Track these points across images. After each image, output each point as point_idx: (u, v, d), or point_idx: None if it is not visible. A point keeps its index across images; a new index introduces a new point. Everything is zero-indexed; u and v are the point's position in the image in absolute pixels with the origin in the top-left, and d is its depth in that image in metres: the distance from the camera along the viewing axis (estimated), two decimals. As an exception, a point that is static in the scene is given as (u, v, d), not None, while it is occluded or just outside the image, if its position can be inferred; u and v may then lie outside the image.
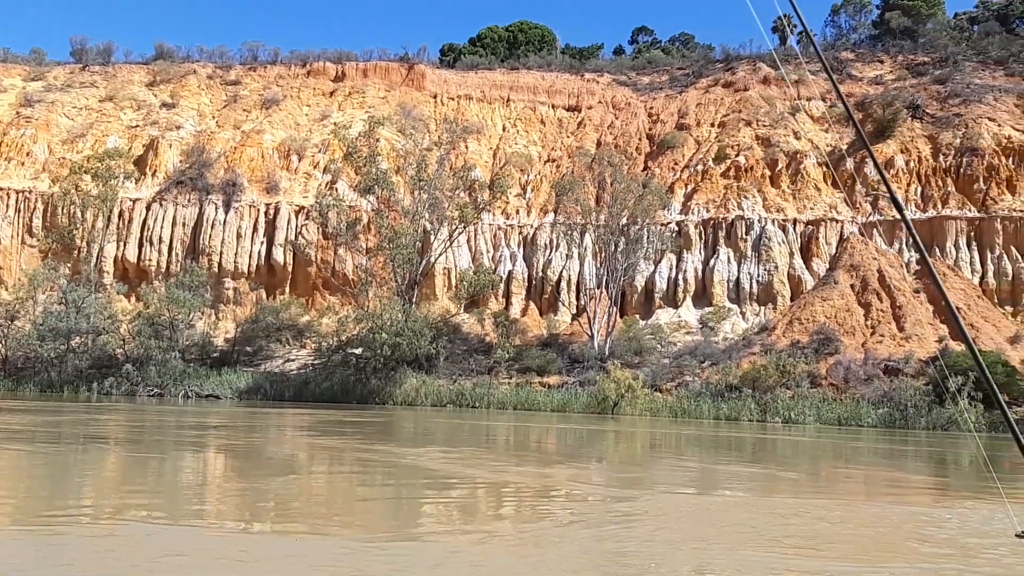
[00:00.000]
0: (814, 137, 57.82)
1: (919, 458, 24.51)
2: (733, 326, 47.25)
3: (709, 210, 52.89)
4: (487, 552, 8.81)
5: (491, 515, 11.70)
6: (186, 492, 12.78)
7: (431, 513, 11.74)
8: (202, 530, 9.48)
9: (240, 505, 11.68)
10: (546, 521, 10.89)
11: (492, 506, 12.61)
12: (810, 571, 8.26)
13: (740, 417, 35.85)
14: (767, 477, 17.67)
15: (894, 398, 35.56)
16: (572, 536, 9.60)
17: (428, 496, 13.15)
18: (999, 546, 9.42)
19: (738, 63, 68.48)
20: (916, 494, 15.49)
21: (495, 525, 10.70)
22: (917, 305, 44.20)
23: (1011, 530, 3.78)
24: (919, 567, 8.60)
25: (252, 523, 10.22)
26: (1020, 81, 59.38)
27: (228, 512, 11.14)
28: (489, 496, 13.54)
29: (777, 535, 10.06)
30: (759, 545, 9.36)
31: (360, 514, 11.35)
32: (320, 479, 15.50)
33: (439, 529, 10.32)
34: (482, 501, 13.09)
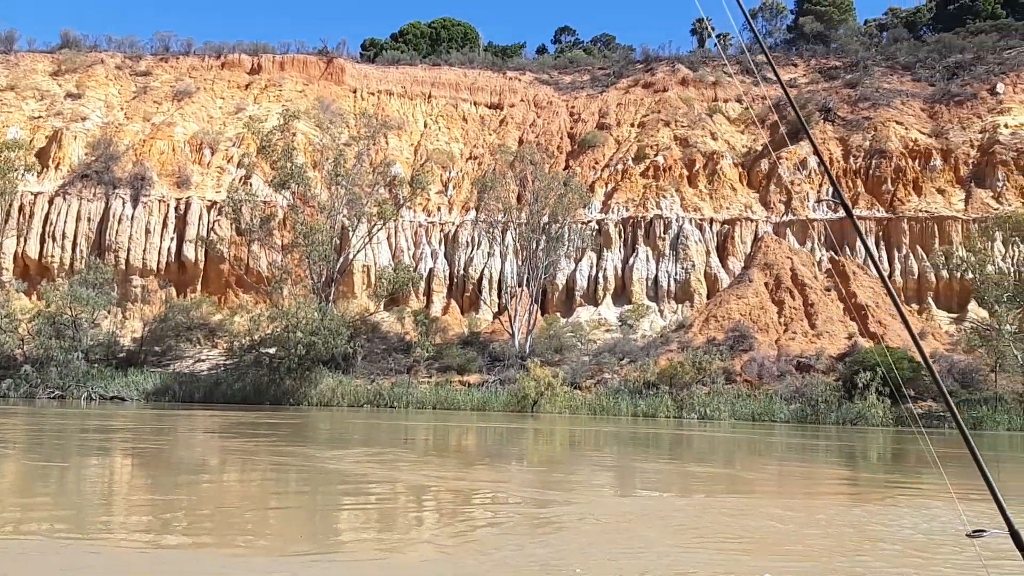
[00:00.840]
0: (731, 138, 58.88)
1: (851, 454, 24.96)
2: (652, 324, 47.71)
3: (629, 209, 53.32)
4: (407, 563, 8.42)
5: (412, 522, 11.31)
6: (91, 503, 12.01)
7: (349, 520, 11.26)
8: (109, 546, 8.83)
9: (149, 516, 10.98)
10: (469, 527, 10.53)
11: (413, 512, 12.19)
12: (756, 574, 8.04)
13: (657, 413, 36.16)
14: (692, 475, 17.69)
15: (806, 394, 36.36)
16: (497, 543, 9.23)
17: (345, 502, 12.65)
18: (949, 544, 9.40)
19: (657, 64, 69.31)
20: (862, 492, 15.52)
21: (416, 533, 10.32)
22: (828, 303, 45.39)
23: (961, 528, 3.81)
24: (872, 568, 8.50)
25: (162, 535, 9.58)
26: (926, 86, 61.56)
27: (136, 524, 10.45)
28: (409, 501, 13.11)
29: (719, 536, 9.90)
30: (701, 546, 9.19)
31: (275, 523, 10.80)
32: (232, 485, 14.85)
33: (357, 538, 9.88)
34: (402, 507, 12.65)
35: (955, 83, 59.91)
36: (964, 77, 60.23)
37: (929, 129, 56.06)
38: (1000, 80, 58.40)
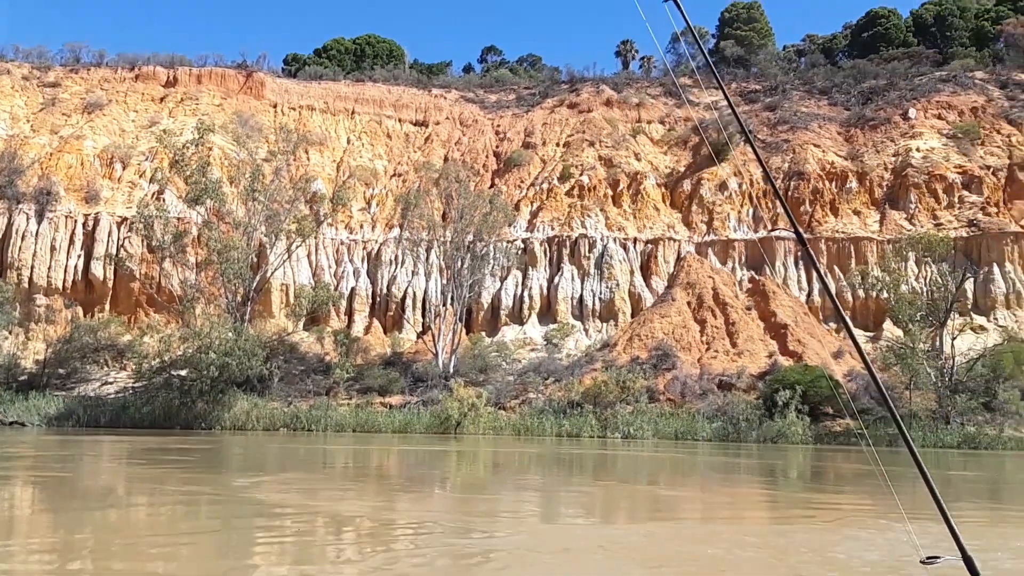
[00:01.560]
0: (654, 159, 59.43)
1: (786, 472, 24.85)
2: (577, 342, 47.52)
3: (554, 228, 53.22)
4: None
5: (331, 555, 10.52)
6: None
7: (264, 554, 10.42)
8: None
9: (51, 552, 9.96)
10: (391, 560, 9.79)
11: (332, 544, 11.38)
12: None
13: (581, 433, 35.82)
14: (627, 498, 17.23)
15: (727, 412, 36.50)
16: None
17: (260, 534, 11.77)
18: (910, 569, 9.00)
19: (583, 85, 69.78)
20: (814, 513, 15.07)
21: (335, 568, 9.56)
22: (749, 322, 45.86)
23: (914, 555, 3.59)
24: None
25: (66, 571, 8.62)
26: (842, 111, 63.34)
27: (37, 560, 9.45)
28: (328, 532, 12.29)
29: (680, 568, 9.37)
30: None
31: (185, 557, 9.91)
32: (140, 516, 13.80)
33: (273, 573, 9.10)
34: (320, 538, 11.82)
35: (869, 108, 61.77)
36: (878, 102, 62.15)
37: (845, 152, 57.58)
38: (912, 105, 60.41)
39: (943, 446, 34.14)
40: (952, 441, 34.43)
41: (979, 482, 22.61)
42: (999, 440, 34.69)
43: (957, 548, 2.77)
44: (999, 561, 9.57)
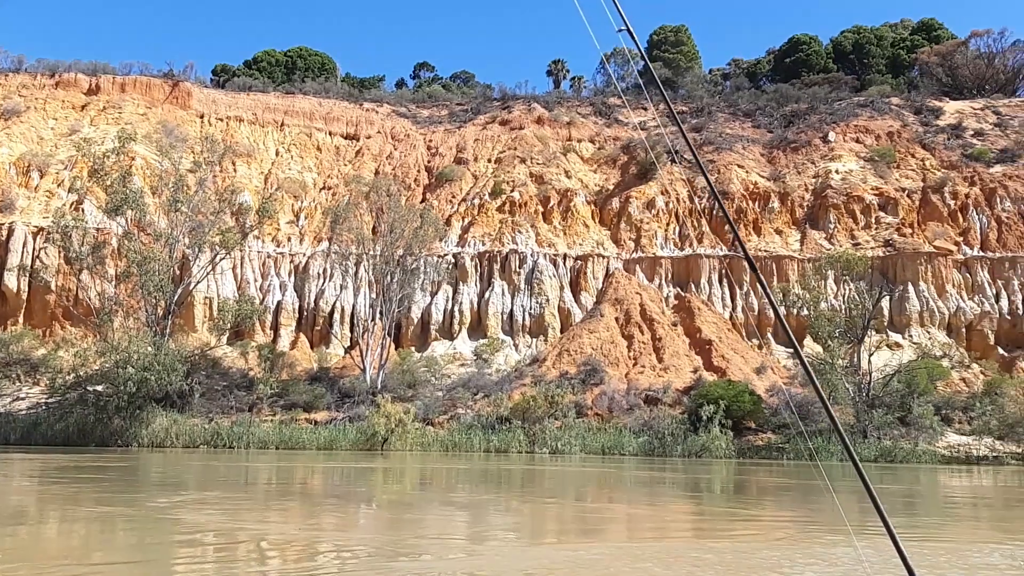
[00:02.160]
0: (584, 177, 60.09)
1: (722, 488, 25.13)
2: (506, 358, 47.56)
3: (485, 243, 53.29)
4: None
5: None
6: None
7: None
8: None
9: None
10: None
11: (255, 567, 11.00)
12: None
13: (510, 448, 35.78)
14: (565, 515, 17.20)
15: (653, 426, 36.91)
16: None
17: (180, 556, 11.35)
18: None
19: (514, 102, 70.32)
20: (762, 530, 15.03)
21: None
22: (675, 338, 46.58)
23: (860, 572, 3.59)
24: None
25: None
26: (765, 133, 65.12)
27: None
28: (250, 554, 11.89)
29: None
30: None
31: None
32: (51, 538, 13.16)
33: None
34: (242, 561, 11.42)
35: (791, 130, 63.66)
36: (799, 125, 64.11)
37: (768, 173, 59.13)
38: (831, 129, 62.46)
39: (861, 460, 34.96)
40: (869, 455, 35.41)
41: (901, 495, 23.29)
42: (914, 454, 35.83)
43: (904, 567, 2.78)
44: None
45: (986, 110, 65.96)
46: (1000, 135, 62.04)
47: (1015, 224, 52.86)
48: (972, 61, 73.93)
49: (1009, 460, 35.92)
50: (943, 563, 10.62)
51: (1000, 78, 73.38)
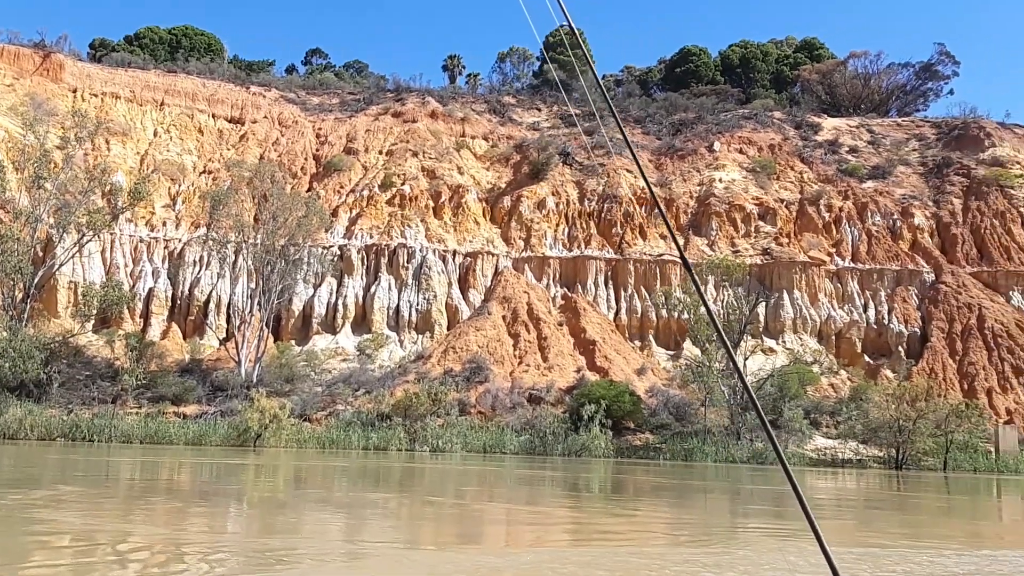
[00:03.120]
0: (476, 174, 59.74)
1: (623, 487, 25.00)
2: (391, 354, 46.68)
3: (373, 236, 52.19)
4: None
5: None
6: None
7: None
8: None
9: None
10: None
11: (115, 572, 9.94)
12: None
13: (389, 446, 35.02)
14: (456, 516, 16.60)
15: (536, 425, 36.87)
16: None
17: (32, 559, 10.18)
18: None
19: (408, 95, 69.29)
20: (687, 534, 14.75)
21: None
22: (560, 337, 46.81)
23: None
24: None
25: None
26: (654, 140, 66.34)
27: None
28: (110, 557, 10.78)
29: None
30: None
31: None
32: None
33: None
34: (101, 565, 10.32)
35: (679, 139, 65.10)
36: (687, 134, 65.63)
37: (655, 179, 60.21)
38: (717, 139, 64.20)
39: (734, 461, 35.99)
40: (742, 456, 36.37)
41: (771, 496, 23.81)
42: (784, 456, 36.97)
43: (830, 569, 2.74)
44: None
45: (861, 128, 69.19)
46: (873, 152, 65.18)
47: (884, 238, 55.55)
48: (850, 81, 77.49)
49: (871, 463, 37.59)
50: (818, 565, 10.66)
51: (875, 98, 77.19)
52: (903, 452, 36.80)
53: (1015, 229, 55.24)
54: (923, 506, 23.07)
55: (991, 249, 54.12)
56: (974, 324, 48.36)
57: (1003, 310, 49.55)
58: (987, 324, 48.08)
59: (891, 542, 12.76)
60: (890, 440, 37.01)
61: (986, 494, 26.63)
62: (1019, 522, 19.33)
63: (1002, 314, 49.02)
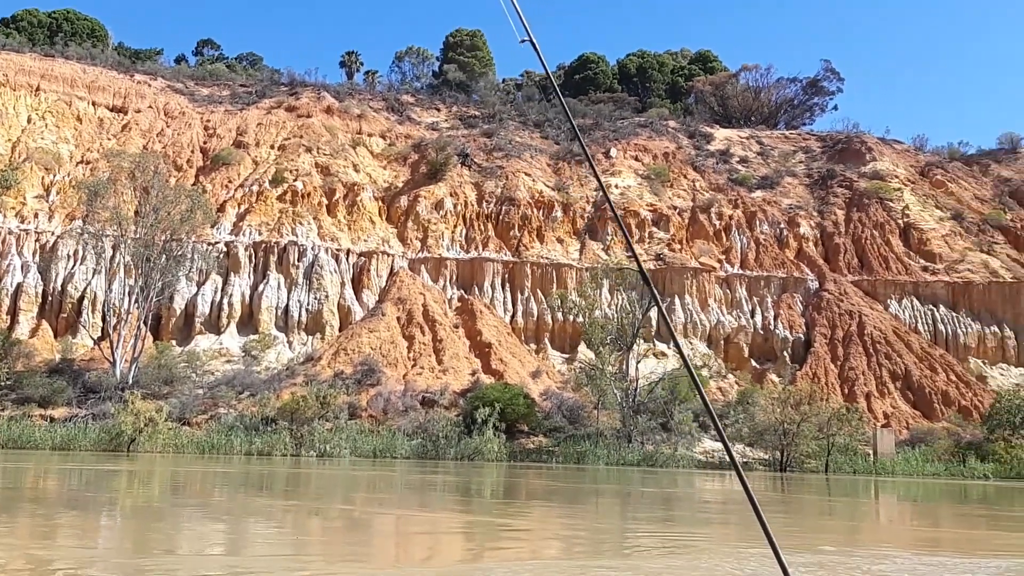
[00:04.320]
0: (372, 172, 58.53)
1: (483, 492, 24.36)
2: (278, 355, 45.04)
3: (262, 233, 50.35)
4: None
5: None
6: None
7: None
8: None
9: None
10: None
11: None
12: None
13: (274, 451, 33.64)
14: (324, 529, 15.63)
15: (428, 429, 36.14)
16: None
17: None
18: None
19: (303, 89, 67.47)
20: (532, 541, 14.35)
21: None
22: (456, 339, 46.21)
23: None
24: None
25: None
26: (552, 144, 66.56)
27: None
28: None
29: None
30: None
31: None
32: None
33: None
34: None
35: (576, 144, 65.43)
36: (584, 140, 65.99)
37: (553, 183, 60.37)
38: (613, 145, 64.94)
39: (625, 463, 36.14)
40: (633, 459, 36.57)
41: (661, 498, 23.81)
42: (673, 458, 37.42)
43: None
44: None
45: (751, 139, 71.27)
46: (762, 163, 67.19)
47: (771, 246, 57.22)
48: (741, 93, 79.80)
49: (757, 466, 38.42)
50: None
51: (764, 111, 79.74)
52: (787, 454, 37.75)
53: (893, 240, 57.81)
54: (805, 507, 23.50)
55: (871, 259, 56.45)
56: (854, 331, 50.25)
57: (881, 317, 51.68)
58: (867, 331, 50.04)
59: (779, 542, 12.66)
60: (775, 443, 37.92)
61: (864, 495, 27.42)
62: (895, 522, 19.84)
63: (880, 321, 51.12)
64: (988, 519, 20.91)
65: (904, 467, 38.40)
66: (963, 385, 47.29)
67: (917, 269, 55.78)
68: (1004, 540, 15.10)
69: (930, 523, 19.39)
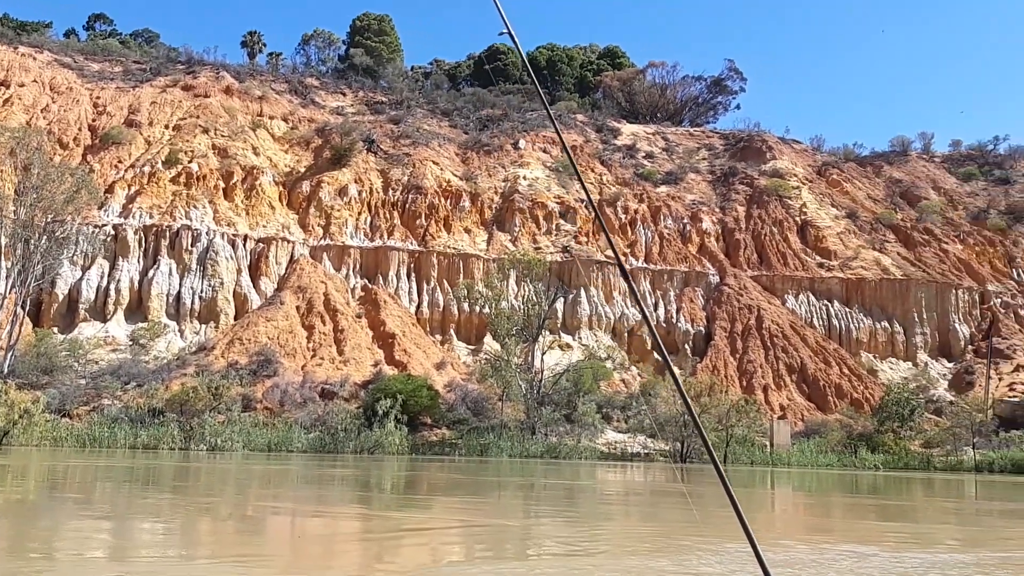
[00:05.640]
0: (273, 155, 56.59)
1: (400, 487, 23.43)
2: (169, 344, 42.97)
3: (153, 216, 47.97)
4: None
5: None
6: None
7: None
8: None
9: None
10: None
11: None
12: None
13: (161, 445, 31.96)
14: (215, 531, 14.51)
15: (327, 421, 35.01)
16: None
17: None
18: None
19: (201, 68, 64.81)
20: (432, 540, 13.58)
21: None
22: (358, 330, 45.07)
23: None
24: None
25: None
26: (461, 133, 65.82)
27: None
28: None
29: None
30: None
31: None
32: None
33: None
34: None
35: (485, 134, 64.93)
36: (493, 130, 65.56)
37: (461, 172, 59.66)
38: (522, 137, 64.63)
39: (528, 455, 35.82)
40: (537, 451, 36.30)
41: (564, 489, 23.47)
42: (576, 450, 37.32)
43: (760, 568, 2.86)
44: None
45: (657, 135, 72.14)
46: (667, 159, 68.06)
47: (674, 240, 57.95)
48: (647, 89, 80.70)
49: (658, 457, 38.69)
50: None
51: (670, 107, 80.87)
52: (687, 446, 38.12)
53: (791, 237, 59.36)
54: (705, 498, 23.58)
55: (770, 255, 57.81)
56: (753, 324, 51.31)
57: (779, 312, 52.94)
58: (765, 325, 51.16)
59: (677, 532, 12.41)
60: (675, 434, 38.22)
61: (761, 485, 27.78)
62: (788, 511, 20.03)
63: (778, 316, 52.36)
64: (877, 509, 21.36)
65: (799, 458, 39.32)
66: (855, 378, 48.87)
67: (813, 265, 57.42)
68: (889, 528, 15.28)
69: (822, 513, 19.67)
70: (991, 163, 74.55)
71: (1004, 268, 61.15)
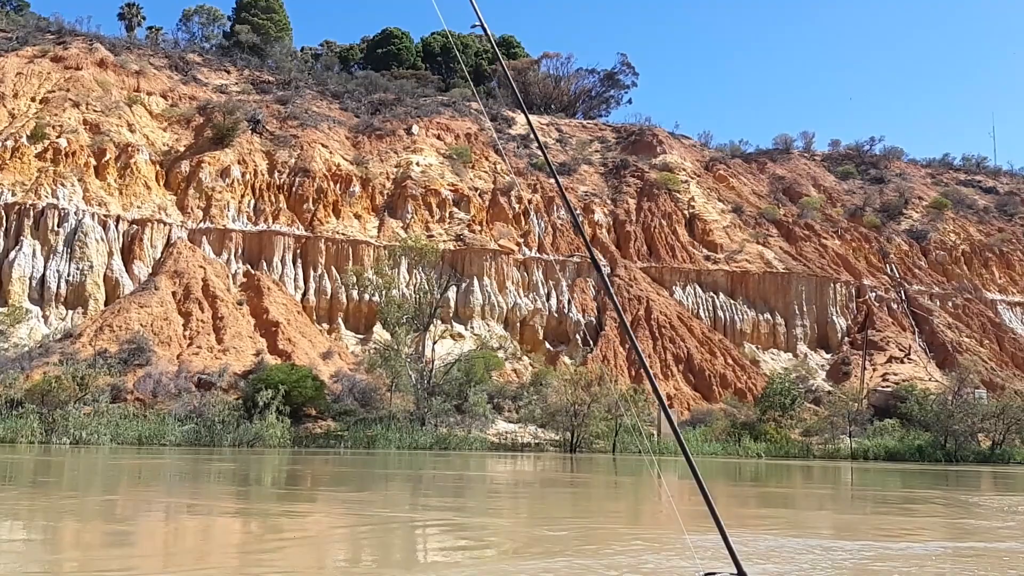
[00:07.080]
0: (151, 133, 53.61)
1: (280, 481, 22.06)
2: (31, 331, 40.04)
3: (16, 194, 44.59)
4: None
5: None
6: None
7: None
8: None
9: None
10: None
11: None
12: None
13: (18, 438, 29.62)
14: (79, 535, 13.06)
15: (204, 413, 33.24)
16: None
17: None
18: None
19: (73, 39, 60.79)
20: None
21: None
22: (239, 317, 43.19)
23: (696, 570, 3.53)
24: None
25: None
26: (352, 117, 64.02)
27: None
28: None
29: None
30: None
31: None
32: None
33: None
34: None
35: (377, 118, 63.37)
36: (385, 114, 64.07)
37: (352, 157, 58.02)
38: (416, 122, 63.39)
39: (418, 447, 34.99)
40: (426, 442, 35.51)
41: (452, 480, 22.80)
42: (467, 441, 36.73)
43: (732, 562, 2.86)
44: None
45: (551, 126, 72.13)
46: (560, 150, 68.11)
47: (567, 231, 58.01)
48: (542, 80, 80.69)
49: (548, 447, 38.52)
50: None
51: (564, 99, 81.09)
52: (577, 435, 38.09)
53: (679, 230, 60.34)
54: (592, 487, 23.40)
55: (659, 247, 58.60)
56: (642, 315, 51.84)
57: (667, 303, 53.71)
58: (653, 315, 51.78)
59: (566, 518, 11.95)
60: (566, 424, 38.14)
61: (648, 475, 27.84)
62: (675, 498, 20.00)
63: (666, 307, 53.10)
64: (759, 497, 21.61)
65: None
66: (739, 368, 50.04)
67: (700, 258, 58.54)
68: (768, 515, 15.30)
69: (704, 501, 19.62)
70: (867, 162, 78.07)
71: (879, 263, 63.94)
